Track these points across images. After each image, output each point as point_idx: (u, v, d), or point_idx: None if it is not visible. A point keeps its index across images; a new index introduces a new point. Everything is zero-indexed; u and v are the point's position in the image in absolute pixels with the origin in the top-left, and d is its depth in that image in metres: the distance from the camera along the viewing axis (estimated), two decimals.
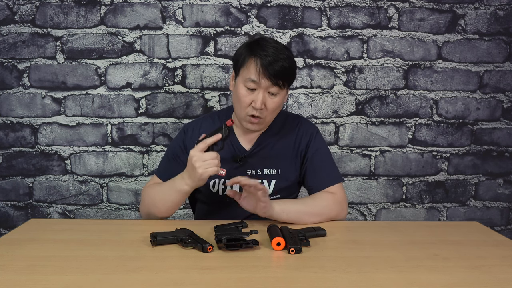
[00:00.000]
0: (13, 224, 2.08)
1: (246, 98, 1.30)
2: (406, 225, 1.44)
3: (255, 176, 1.41)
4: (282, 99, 1.35)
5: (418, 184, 2.13)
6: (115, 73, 2.02)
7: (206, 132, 1.29)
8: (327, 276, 0.97)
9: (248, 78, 1.29)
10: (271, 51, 1.29)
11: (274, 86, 1.29)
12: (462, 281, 0.96)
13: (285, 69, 1.29)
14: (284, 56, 1.29)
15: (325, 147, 1.48)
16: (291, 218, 1.30)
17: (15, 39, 1.99)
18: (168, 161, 1.45)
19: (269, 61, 1.27)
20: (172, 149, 1.46)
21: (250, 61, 1.30)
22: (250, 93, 1.30)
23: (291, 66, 1.31)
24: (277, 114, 1.39)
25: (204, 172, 1.22)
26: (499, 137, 2.13)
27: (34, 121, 2.03)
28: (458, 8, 2.05)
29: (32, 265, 1.00)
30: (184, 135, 1.45)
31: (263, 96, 1.29)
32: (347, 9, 2.03)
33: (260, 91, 1.29)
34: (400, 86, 2.08)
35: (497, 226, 2.18)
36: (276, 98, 1.32)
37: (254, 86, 1.29)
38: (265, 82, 1.28)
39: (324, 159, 1.45)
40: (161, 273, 0.97)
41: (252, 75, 1.28)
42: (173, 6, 1.99)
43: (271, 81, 1.28)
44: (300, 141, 1.45)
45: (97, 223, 1.53)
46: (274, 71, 1.27)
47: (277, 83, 1.29)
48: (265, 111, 1.32)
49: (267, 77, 1.27)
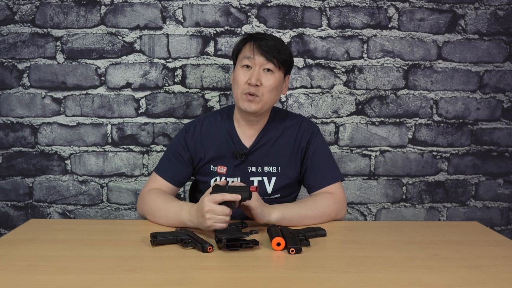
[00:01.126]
0: (13, 224, 2.08)
1: (243, 76, 1.36)
2: (406, 225, 1.45)
3: (255, 174, 1.42)
4: (278, 81, 1.38)
5: (418, 184, 2.13)
6: (115, 73, 2.02)
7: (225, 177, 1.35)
8: (327, 276, 0.97)
9: (244, 56, 1.37)
10: (267, 35, 1.40)
11: (268, 63, 1.35)
12: (462, 281, 0.96)
13: (278, 49, 1.36)
14: (277, 40, 1.39)
15: (325, 146, 1.49)
16: (292, 223, 1.30)
17: (15, 39, 1.99)
18: (169, 159, 1.45)
19: (262, 38, 1.37)
20: (173, 147, 1.46)
21: (246, 44, 1.40)
22: (246, 71, 1.37)
23: (284, 48, 1.38)
24: (274, 98, 1.40)
25: (212, 225, 1.17)
26: (499, 137, 2.13)
27: (34, 121, 2.03)
28: (458, 8, 2.05)
29: (32, 265, 1.00)
30: (186, 133, 1.46)
31: (258, 72, 1.35)
32: (347, 9, 2.03)
33: (255, 68, 1.35)
34: (400, 86, 2.08)
35: (497, 226, 2.18)
36: (271, 76, 1.36)
37: (249, 62, 1.36)
38: (259, 58, 1.35)
39: (324, 158, 1.46)
40: (161, 273, 0.97)
41: (247, 53, 1.37)
42: (173, 6, 1.99)
43: (265, 57, 1.35)
44: (300, 139, 1.45)
45: (97, 223, 1.53)
46: (267, 47, 1.35)
47: (271, 60, 1.35)
48: (261, 88, 1.35)
49: (261, 53, 1.35)
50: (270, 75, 1.36)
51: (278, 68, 1.36)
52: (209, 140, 1.44)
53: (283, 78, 1.41)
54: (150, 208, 1.34)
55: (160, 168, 1.45)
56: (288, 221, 1.29)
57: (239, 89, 1.36)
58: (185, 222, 1.25)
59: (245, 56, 1.37)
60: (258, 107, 1.36)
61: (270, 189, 1.42)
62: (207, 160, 1.43)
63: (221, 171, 1.42)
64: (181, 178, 1.45)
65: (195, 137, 1.44)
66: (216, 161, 1.43)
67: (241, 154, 1.40)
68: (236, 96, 1.38)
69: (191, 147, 1.44)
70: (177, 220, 1.27)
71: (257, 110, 1.36)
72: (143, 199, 1.39)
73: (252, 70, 1.35)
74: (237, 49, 1.42)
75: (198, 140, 1.44)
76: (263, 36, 1.39)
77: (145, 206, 1.37)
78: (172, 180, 1.43)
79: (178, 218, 1.27)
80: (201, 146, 1.44)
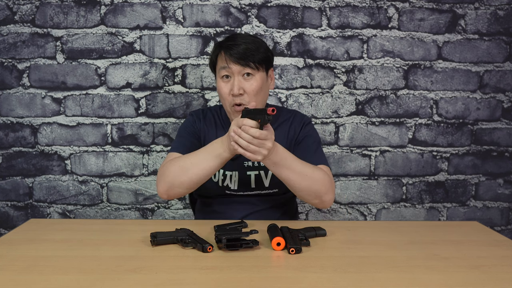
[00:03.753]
0: (13, 224, 2.08)
1: (225, 88, 1.35)
2: (406, 225, 1.45)
3: (252, 168, 1.42)
4: (261, 81, 1.36)
5: (418, 184, 2.13)
6: (115, 73, 2.02)
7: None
8: (327, 276, 0.97)
9: (220, 67, 1.35)
10: (234, 38, 1.36)
11: (245, 68, 1.33)
12: (462, 281, 0.96)
13: (250, 50, 1.33)
14: (248, 40, 1.36)
15: (316, 135, 1.48)
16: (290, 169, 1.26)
17: (15, 39, 1.99)
18: (182, 137, 1.45)
19: (232, 45, 1.34)
20: (184, 128, 1.47)
21: (219, 55, 1.37)
22: (227, 81, 1.35)
23: (257, 47, 1.35)
24: (263, 98, 1.39)
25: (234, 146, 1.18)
26: (499, 137, 2.13)
27: (34, 121, 2.03)
28: (458, 8, 2.05)
29: (32, 265, 1.00)
30: (193, 117, 1.49)
31: (238, 80, 1.33)
32: (347, 9, 2.03)
33: (234, 77, 1.34)
34: (400, 86, 2.08)
35: (497, 226, 2.18)
36: (252, 80, 1.34)
37: (227, 72, 1.34)
38: (234, 66, 1.33)
39: (314, 143, 1.45)
40: (161, 273, 0.97)
41: (222, 63, 1.34)
42: (173, 6, 1.99)
43: (239, 63, 1.32)
44: (294, 131, 1.46)
45: (97, 223, 1.53)
46: (239, 53, 1.32)
47: (247, 64, 1.32)
48: (246, 96, 1.34)
49: (234, 60, 1.32)
50: (251, 78, 1.35)
51: (257, 69, 1.35)
52: (210, 130, 1.47)
53: (266, 76, 1.39)
54: (177, 166, 1.29)
55: (175, 146, 1.42)
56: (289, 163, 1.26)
57: (226, 102, 1.37)
58: (221, 152, 1.24)
59: (221, 67, 1.35)
60: None
61: (268, 183, 1.42)
62: None
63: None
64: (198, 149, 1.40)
65: (200, 122, 1.48)
66: None
67: None
68: (226, 109, 1.39)
69: (199, 127, 1.47)
70: (213, 156, 1.25)
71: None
72: (164, 171, 1.31)
73: (231, 79, 1.34)
74: (213, 60, 1.41)
75: (204, 127, 1.47)
76: (233, 41, 1.35)
77: (170, 171, 1.29)
78: (190, 150, 1.36)
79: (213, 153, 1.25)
80: (204, 133, 1.47)
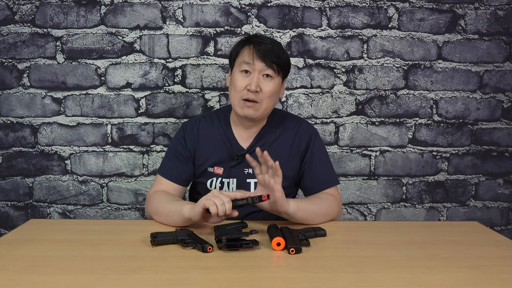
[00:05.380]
0: (13, 224, 2.08)
1: (242, 81, 1.34)
2: (406, 225, 1.45)
3: (252, 175, 1.41)
4: (277, 86, 1.37)
5: (418, 184, 2.13)
6: (115, 73, 2.02)
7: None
8: (327, 276, 0.97)
9: (243, 61, 1.34)
10: (264, 38, 1.37)
11: (268, 68, 1.33)
12: (462, 281, 0.96)
13: (278, 54, 1.34)
14: (278, 45, 1.37)
15: (324, 149, 1.49)
16: (303, 218, 1.30)
17: (15, 39, 1.99)
18: (171, 159, 1.45)
19: (261, 42, 1.34)
20: (173, 147, 1.46)
21: (244, 48, 1.37)
22: (246, 76, 1.34)
23: (283, 52, 1.37)
24: (273, 104, 1.39)
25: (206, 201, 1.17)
26: (499, 137, 2.13)
27: (34, 121, 2.03)
28: (458, 8, 2.05)
29: (32, 265, 1.00)
30: (184, 131, 1.46)
31: (258, 78, 1.33)
32: (347, 9, 2.03)
33: (254, 74, 1.33)
34: (400, 86, 2.08)
35: (497, 226, 2.18)
36: (270, 82, 1.34)
37: (248, 68, 1.34)
38: (259, 64, 1.33)
39: (322, 161, 1.46)
40: (161, 273, 0.97)
41: (246, 58, 1.34)
42: (173, 6, 1.99)
43: (264, 62, 1.32)
44: (299, 141, 1.45)
45: (97, 223, 1.53)
46: (266, 52, 1.33)
47: (271, 65, 1.33)
48: (260, 95, 1.33)
49: (261, 58, 1.32)
50: (270, 80, 1.34)
51: (277, 73, 1.35)
52: (205, 141, 1.44)
53: (281, 83, 1.40)
54: (156, 208, 1.34)
55: (163, 170, 1.45)
56: (302, 213, 1.28)
57: (237, 95, 1.35)
58: (185, 215, 1.22)
59: (244, 61, 1.34)
60: (258, 114, 1.35)
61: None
62: (204, 161, 1.43)
63: (218, 172, 1.42)
64: (185, 177, 1.44)
65: (192, 136, 1.45)
66: (212, 162, 1.43)
67: (237, 156, 1.40)
68: (234, 102, 1.37)
69: (190, 145, 1.44)
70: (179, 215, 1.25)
71: (256, 116, 1.36)
72: (149, 201, 1.39)
73: (251, 75, 1.33)
74: (235, 52, 1.40)
75: (196, 139, 1.44)
76: (261, 39, 1.36)
77: (151, 207, 1.37)
78: (177, 180, 1.42)
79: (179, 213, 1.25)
80: (198, 146, 1.44)
